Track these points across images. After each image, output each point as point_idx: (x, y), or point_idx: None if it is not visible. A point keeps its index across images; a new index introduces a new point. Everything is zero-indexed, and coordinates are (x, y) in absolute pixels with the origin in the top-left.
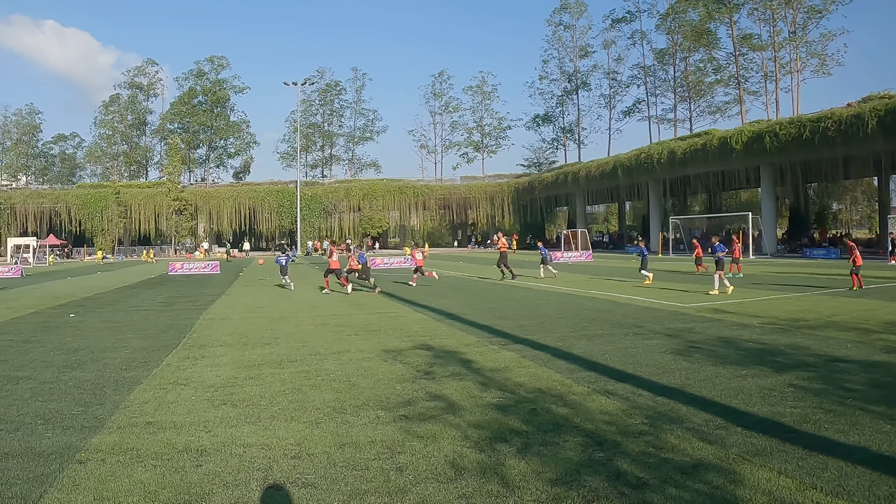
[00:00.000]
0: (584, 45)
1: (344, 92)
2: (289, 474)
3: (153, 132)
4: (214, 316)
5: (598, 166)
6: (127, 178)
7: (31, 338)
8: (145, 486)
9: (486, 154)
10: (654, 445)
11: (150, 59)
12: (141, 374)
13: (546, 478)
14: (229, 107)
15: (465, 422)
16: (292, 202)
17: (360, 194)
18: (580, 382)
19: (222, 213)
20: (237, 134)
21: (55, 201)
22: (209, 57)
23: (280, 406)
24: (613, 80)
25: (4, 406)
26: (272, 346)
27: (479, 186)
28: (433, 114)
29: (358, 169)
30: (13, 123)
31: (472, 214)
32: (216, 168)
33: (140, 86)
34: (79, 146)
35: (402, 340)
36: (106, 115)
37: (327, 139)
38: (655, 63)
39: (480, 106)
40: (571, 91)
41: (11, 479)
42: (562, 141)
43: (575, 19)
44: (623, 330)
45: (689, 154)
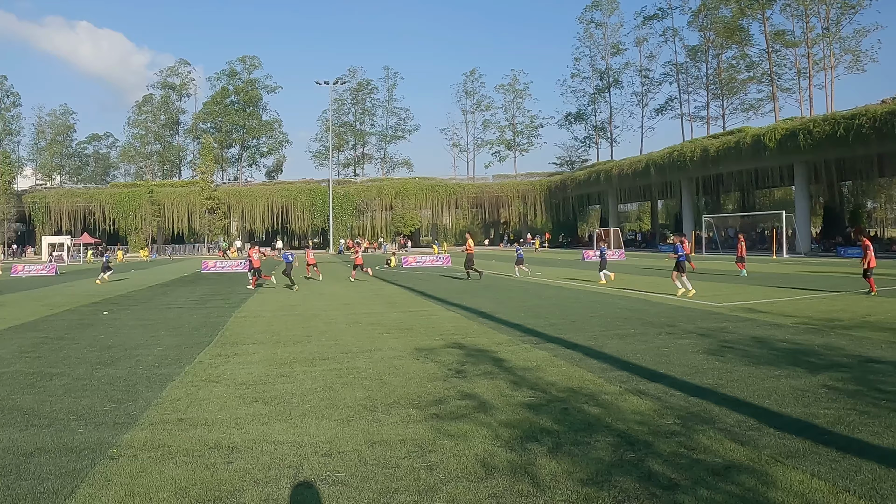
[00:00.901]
0: (616, 42)
1: (376, 91)
2: (319, 472)
3: (186, 132)
4: (247, 314)
5: (630, 164)
6: (160, 177)
7: (65, 335)
8: (176, 482)
9: (519, 152)
10: (686, 446)
11: (182, 60)
12: (173, 371)
13: (577, 478)
14: (261, 106)
15: (496, 421)
16: (325, 201)
17: (392, 193)
18: (612, 382)
19: (255, 211)
20: (269, 133)
21: (89, 200)
22: (241, 57)
23: (311, 404)
24: (645, 77)
25: (38, 402)
26: (304, 343)
27: (511, 185)
28: (465, 112)
29: (390, 167)
30: (47, 124)
31: (505, 213)
32: (249, 167)
33: (173, 86)
34: (112, 146)
35: (434, 339)
36: (139, 115)
37: (359, 138)
38: (688, 60)
39: (512, 104)
40: (603, 89)
41: (44, 473)
42: (594, 139)
43: (606, 17)
44: (655, 329)
45: (721, 152)
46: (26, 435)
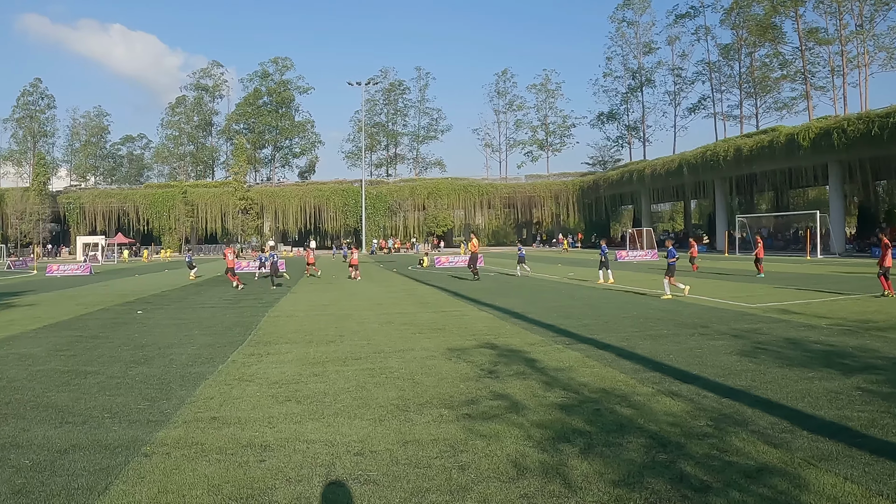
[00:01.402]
0: (648, 41)
1: (408, 91)
2: (351, 471)
3: (219, 133)
4: (280, 313)
5: (663, 164)
6: (194, 177)
7: (100, 334)
8: (209, 479)
9: (551, 152)
10: (719, 448)
11: (215, 61)
12: (207, 370)
13: (608, 479)
14: (294, 107)
15: (528, 421)
16: (357, 201)
17: (424, 193)
18: (645, 383)
19: (288, 212)
20: (302, 134)
21: (123, 201)
22: (273, 58)
23: (344, 403)
24: (678, 76)
25: (73, 399)
26: (337, 343)
27: (543, 185)
28: (497, 112)
29: (423, 168)
30: (82, 125)
31: (537, 213)
32: (281, 168)
33: (206, 87)
34: (146, 147)
35: (466, 339)
36: (173, 117)
37: (392, 138)
38: (720, 59)
39: (544, 104)
40: (636, 88)
41: (78, 470)
42: (627, 139)
43: (638, 15)
44: (688, 330)
45: (755, 151)
46: (61, 432)
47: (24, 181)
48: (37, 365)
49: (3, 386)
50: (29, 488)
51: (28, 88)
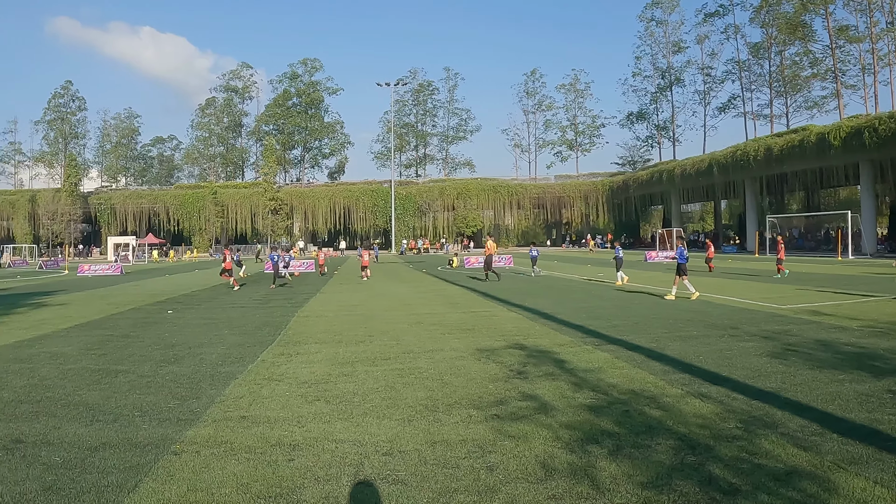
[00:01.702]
0: (677, 40)
1: (437, 92)
2: (380, 471)
3: (249, 134)
4: (309, 313)
5: (693, 164)
6: (223, 178)
7: (130, 333)
8: (238, 478)
9: (580, 152)
10: (748, 450)
11: (244, 63)
12: (236, 370)
13: (637, 481)
14: (323, 108)
15: (556, 422)
16: (387, 201)
17: (454, 193)
18: (674, 384)
19: (317, 212)
20: (331, 134)
21: (154, 201)
22: (303, 59)
23: (373, 403)
24: (707, 75)
25: (104, 398)
26: (366, 343)
27: (573, 185)
28: (526, 112)
29: (452, 168)
30: (113, 127)
31: (567, 213)
32: (311, 168)
33: (235, 89)
34: (176, 148)
35: (495, 339)
36: (202, 118)
37: (421, 139)
38: (750, 57)
39: (574, 104)
40: (665, 87)
41: (109, 467)
42: (656, 138)
43: (667, 14)
44: (718, 331)
45: (785, 151)
46: (92, 430)
47: (55, 182)
48: (68, 364)
49: (34, 384)
50: (59, 485)
51: (59, 91)
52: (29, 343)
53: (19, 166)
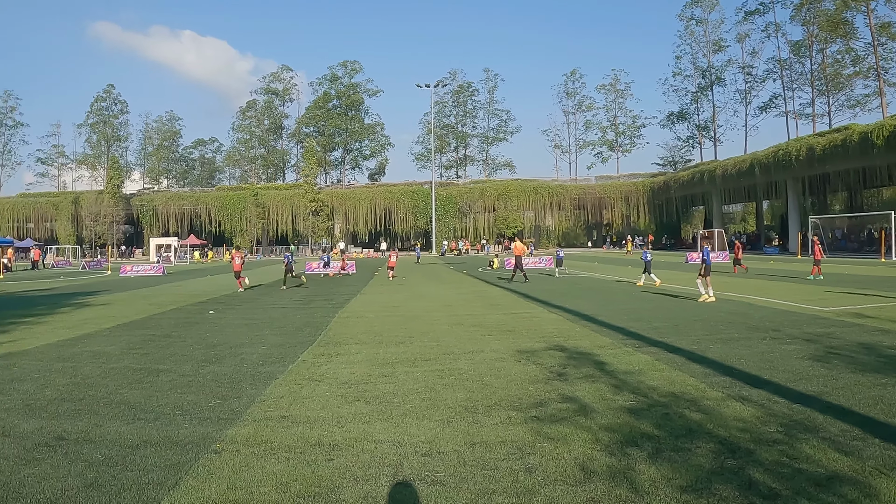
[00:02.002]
0: (718, 39)
1: (476, 93)
2: (418, 471)
3: (289, 136)
4: (350, 314)
5: (734, 164)
6: (264, 180)
7: (172, 333)
8: (277, 477)
9: (621, 153)
10: (788, 455)
11: (285, 66)
12: (277, 370)
13: (676, 484)
14: (363, 110)
15: (596, 424)
16: (427, 203)
17: (494, 194)
18: (714, 387)
19: (358, 213)
20: (372, 136)
21: (195, 203)
22: (342, 62)
23: (412, 404)
24: (748, 74)
25: (145, 397)
26: (406, 344)
27: (613, 186)
28: (566, 113)
29: (492, 169)
30: (154, 130)
31: (607, 214)
32: (352, 170)
33: (276, 91)
34: (217, 150)
35: (535, 341)
36: (243, 120)
37: (461, 140)
38: (791, 56)
39: (614, 104)
40: (706, 87)
41: (149, 465)
42: (697, 139)
43: (707, 13)
44: (759, 334)
45: (828, 150)
46: (133, 428)
47: (98, 184)
48: (110, 363)
49: (77, 382)
50: (101, 482)
51: (101, 94)
52: (72, 342)
53: (63, 169)
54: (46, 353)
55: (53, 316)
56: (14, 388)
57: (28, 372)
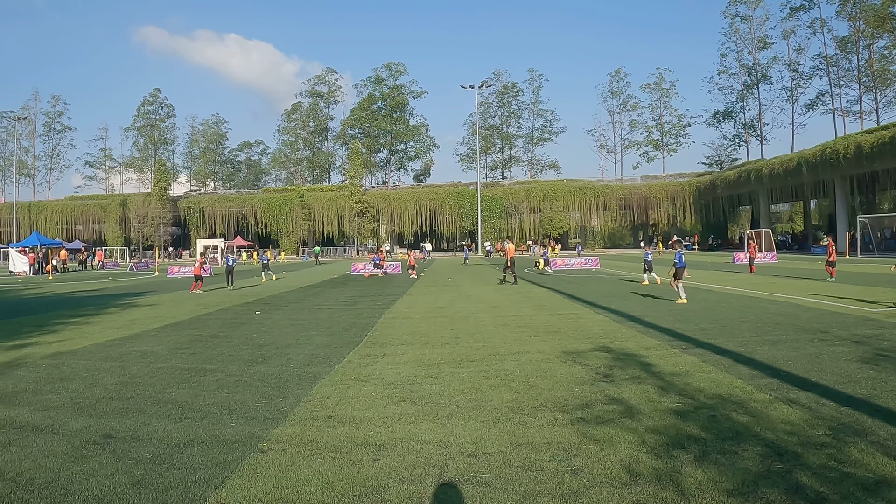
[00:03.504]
0: (763, 35)
1: (521, 93)
2: (464, 472)
3: (334, 138)
4: (396, 315)
5: (781, 163)
6: (310, 182)
7: (219, 333)
8: (323, 476)
9: (667, 152)
10: (836, 459)
11: (329, 68)
12: (323, 370)
13: (722, 487)
14: (408, 111)
15: (642, 426)
16: (473, 203)
17: (540, 195)
18: (762, 389)
19: (403, 214)
20: (416, 137)
21: (242, 205)
22: (387, 63)
23: (458, 405)
24: (795, 71)
25: (192, 396)
26: (452, 345)
27: (659, 186)
28: (611, 113)
29: (538, 170)
30: (201, 133)
31: (653, 215)
32: (397, 171)
33: (321, 94)
34: (263, 152)
35: (581, 342)
36: (289, 123)
37: (506, 141)
38: (838, 52)
39: (659, 103)
40: (751, 85)
41: (196, 464)
42: (743, 137)
43: (751, 9)
44: (808, 335)
45: (876, 148)
46: (180, 427)
47: (145, 187)
48: (158, 362)
49: (125, 382)
50: (148, 480)
51: (148, 98)
52: (120, 342)
53: (110, 172)
54: (95, 353)
55: (101, 316)
56: (63, 387)
57: (77, 371)
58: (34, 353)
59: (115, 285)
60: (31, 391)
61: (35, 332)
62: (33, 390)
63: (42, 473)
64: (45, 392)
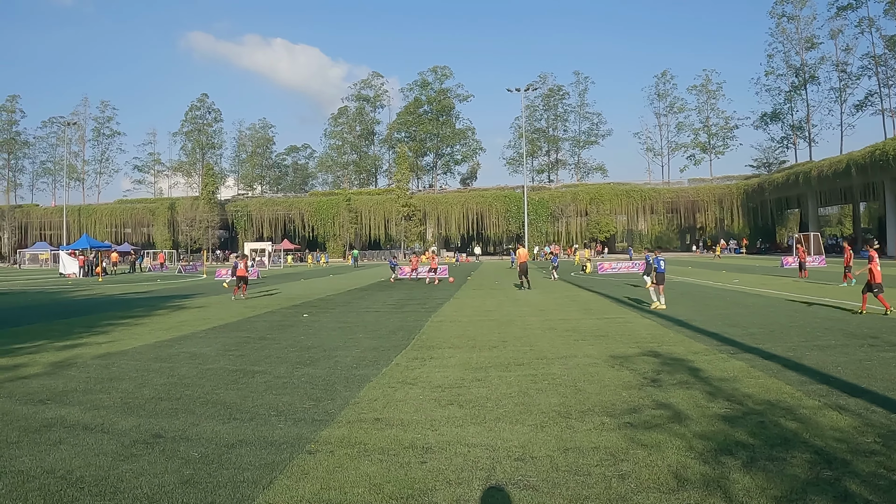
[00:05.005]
0: (810, 35)
1: (567, 96)
2: (511, 475)
3: (381, 141)
4: (443, 318)
5: (829, 165)
6: (357, 185)
7: (267, 335)
8: (371, 478)
9: (714, 155)
10: (886, 466)
11: (375, 73)
12: (371, 373)
13: (770, 494)
14: (454, 115)
15: (690, 432)
16: (519, 207)
17: (586, 198)
18: (811, 395)
19: (450, 218)
20: (463, 141)
21: (289, 208)
22: (433, 67)
23: (505, 408)
24: (843, 72)
25: (241, 397)
26: (499, 349)
27: (706, 189)
28: (658, 115)
29: (584, 173)
30: (248, 137)
31: (700, 218)
32: (443, 174)
33: (367, 98)
34: (310, 156)
35: (629, 346)
36: (335, 127)
37: (552, 144)
38: (886, 51)
39: (706, 105)
40: (799, 86)
41: (244, 464)
42: (791, 139)
43: (798, 9)
44: (857, 341)
45: None
46: (229, 427)
47: (193, 190)
48: (206, 364)
49: (174, 382)
50: (197, 479)
51: (196, 103)
52: (169, 343)
53: (159, 175)
54: (144, 354)
55: (150, 318)
56: (113, 387)
57: (126, 371)
58: (85, 353)
59: (163, 287)
60: (81, 391)
61: (85, 333)
62: (84, 390)
63: (92, 472)
64: (96, 392)
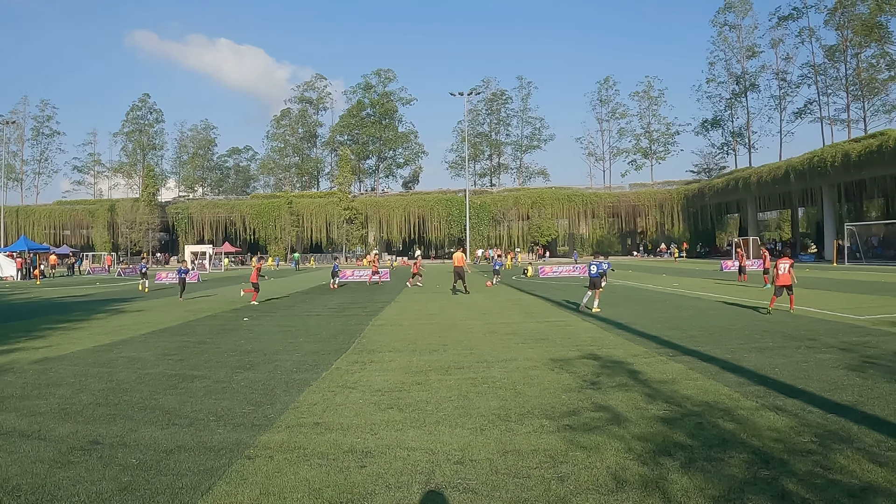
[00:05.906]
0: (751, 44)
1: (510, 101)
2: (451, 479)
3: (323, 144)
4: (384, 322)
5: (769, 171)
6: (299, 188)
7: (207, 339)
8: (310, 483)
9: (655, 160)
10: (822, 465)
11: (319, 75)
12: (311, 377)
13: (708, 494)
14: (397, 118)
15: (629, 433)
16: (461, 211)
17: (528, 202)
18: (749, 397)
19: (392, 221)
20: (405, 144)
21: (230, 211)
22: (376, 70)
23: (445, 412)
24: (783, 80)
25: (180, 402)
26: (440, 352)
27: (648, 194)
28: (600, 120)
29: (526, 177)
30: (189, 138)
31: (641, 222)
32: (385, 178)
33: (310, 100)
34: (252, 158)
35: (569, 349)
36: (278, 129)
37: (495, 148)
38: (826, 61)
39: (648, 111)
40: (740, 93)
41: (183, 470)
42: (731, 145)
43: (740, 18)
44: (795, 343)
45: (863, 156)
46: (167, 433)
47: (133, 192)
48: (145, 368)
49: (112, 388)
50: (135, 486)
51: (137, 103)
52: (108, 348)
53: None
54: (82, 359)
55: (89, 322)
56: (50, 393)
57: (64, 377)
58: (22, 358)
59: (102, 291)
60: (18, 397)
61: (23, 338)
62: (20, 396)
63: (29, 479)
64: (33, 398)
